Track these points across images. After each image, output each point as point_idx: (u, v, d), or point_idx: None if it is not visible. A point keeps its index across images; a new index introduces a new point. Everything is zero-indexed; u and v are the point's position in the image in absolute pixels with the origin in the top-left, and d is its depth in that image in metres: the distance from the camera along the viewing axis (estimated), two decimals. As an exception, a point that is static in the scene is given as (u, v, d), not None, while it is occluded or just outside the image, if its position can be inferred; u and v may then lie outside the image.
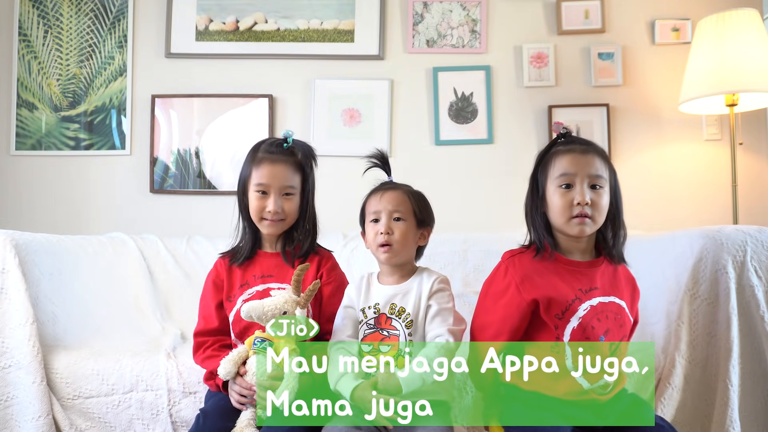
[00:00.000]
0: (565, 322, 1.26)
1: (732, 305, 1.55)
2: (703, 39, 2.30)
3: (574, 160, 1.30)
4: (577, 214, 1.27)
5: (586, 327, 1.26)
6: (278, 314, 1.34)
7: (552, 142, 1.38)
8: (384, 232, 1.38)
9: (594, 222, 1.29)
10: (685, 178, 2.59)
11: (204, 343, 1.50)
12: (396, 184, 1.47)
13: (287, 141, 1.53)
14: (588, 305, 1.28)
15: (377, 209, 1.41)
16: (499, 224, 2.49)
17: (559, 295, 1.28)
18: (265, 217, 1.49)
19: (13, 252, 1.67)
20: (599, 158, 1.31)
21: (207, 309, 1.55)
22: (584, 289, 1.30)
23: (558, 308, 1.27)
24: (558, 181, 1.31)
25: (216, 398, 1.44)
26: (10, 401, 1.61)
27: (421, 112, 2.67)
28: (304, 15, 2.68)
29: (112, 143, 2.67)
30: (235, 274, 1.54)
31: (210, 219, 2.62)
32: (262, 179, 1.49)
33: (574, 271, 1.32)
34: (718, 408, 1.52)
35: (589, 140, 1.36)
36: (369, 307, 1.41)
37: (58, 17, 2.70)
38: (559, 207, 1.29)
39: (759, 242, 1.58)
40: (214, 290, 1.54)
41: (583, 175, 1.29)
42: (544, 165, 1.35)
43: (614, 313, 1.30)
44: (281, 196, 1.49)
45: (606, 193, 1.30)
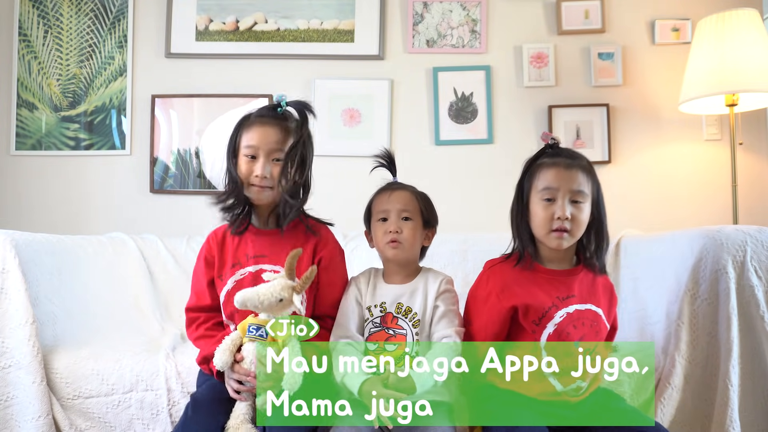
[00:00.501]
0: (542, 327, 1.32)
1: (732, 305, 1.54)
2: (703, 39, 2.30)
3: (558, 175, 1.34)
4: (557, 228, 1.32)
5: (562, 333, 1.31)
6: (274, 302, 1.30)
7: (539, 153, 1.41)
8: (393, 230, 1.40)
9: (572, 236, 1.33)
10: (685, 178, 2.59)
11: (196, 320, 1.48)
12: (403, 185, 1.49)
13: (281, 106, 1.47)
14: (564, 312, 1.33)
15: (386, 208, 1.43)
16: (499, 224, 2.46)
17: (537, 302, 1.33)
18: (252, 182, 1.42)
19: (13, 252, 1.67)
20: (583, 173, 1.35)
21: (199, 285, 1.51)
22: (561, 296, 1.35)
23: (535, 314, 1.33)
24: (541, 194, 1.35)
25: (209, 384, 1.40)
26: (10, 401, 1.61)
27: (421, 112, 2.67)
28: (304, 15, 2.68)
29: (112, 143, 2.67)
30: (227, 251, 1.48)
31: (210, 219, 2.59)
32: (251, 141, 1.42)
33: (552, 279, 1.37)
34: (718, 408, 1.52)
35: (576, 152, 1.39)
36: (375, 305, 1.41)
37: (58, 17, 2.70)
38: (540, 219, 1.34)
39: (759, 242, 1.58)
40: (206, 267, 1.49)
41: (566, 190, 1.33)
42: (530, 175, 1.39)
43: (590, 320, 1.35)
44: (270, 161, 1.42)
45: (587, 207, 1.35)
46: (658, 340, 1.64)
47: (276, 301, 1.30)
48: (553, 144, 1.40)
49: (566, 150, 1.40)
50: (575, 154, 1.39)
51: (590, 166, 1.38)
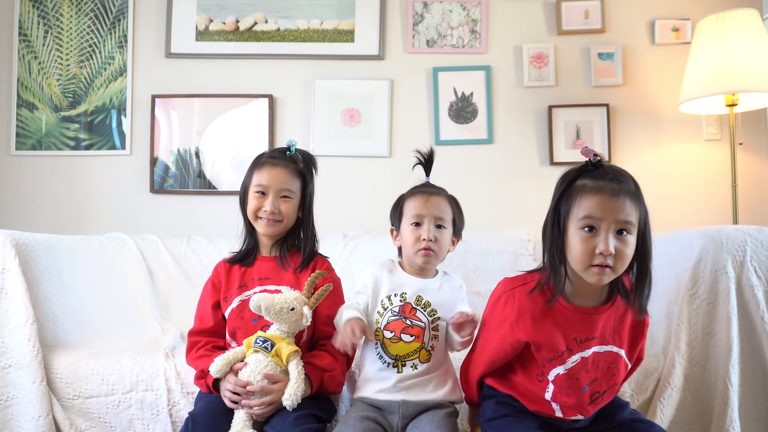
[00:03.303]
0: (552, 366, 1.23)
1: (732, 305, 1.54)
2: (703, 39, 2.30)
3: (603, 204, 1.13)
4: (598, 263, 1.13)
5: (571, 377, 1.23)
6: (286, 309, 1.37)
7: (580, 169, 1.20)
8: (428, 239, 1.39)
9: (614, 272, 1.15)
10: (685, 178, 2.59)
11: (197, 343, 1.51)
12: (438, 189, 1.48)
13: (290, 149, 1.57)
14: (579, 357, 1.22)
15: (420, 213, 1.41)
16: (499, 224, 2.49)
17: (551, 343, 1.22)
18: (260, 216, 1.52)
19: (13, 252, 1.67)
20: (631, 200, 1.15)
21: (203, 309, 1.56)
22: (580, 338, 1.22)
23: (548, 354, 1.23)
24: (581, 223, 1.15)
25: (206, 400, 1.43)
26: (10, 401, 1.61)
27: (421, 112, 2.67)
28: (304, 15, 2.68)
29: (112, 143, 2.67)
30: (233, 276, 1.55)
31: (210, 219, 2.62)
32: (261, 180, 1.52)
33: (574, 317, 1.22)
34: (718, 408, 1.52)
35: (622, 171, 1.19)
36: (396, 294, 1.41)
37: (58, 17, 2.70)
38: (579, 252, 1.15)
39: (759, 242, 1.58)
40: (212, 291, 1.56)
41: (611, 221, 1.13)
42: (569, 197, 1.18)
43: (607, 363, 1.24)
44: (279, 198, 1.52)
45: (632, 240, 1.16)
46: (658, 340, 1.64)
47: (288, 309, 1.38)
48: (597, 162, 1.18)
49: (611, 169, 1.18)
50: (622, 174, 1.17)
51: (638, 189, 1.18)
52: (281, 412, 1.34)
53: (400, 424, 1.33)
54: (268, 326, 1.41)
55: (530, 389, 1.27)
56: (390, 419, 1.34)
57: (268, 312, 1.37)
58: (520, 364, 1.29)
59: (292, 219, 1.55)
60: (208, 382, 1.42)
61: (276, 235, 1.56)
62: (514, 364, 1.30)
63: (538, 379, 1.25)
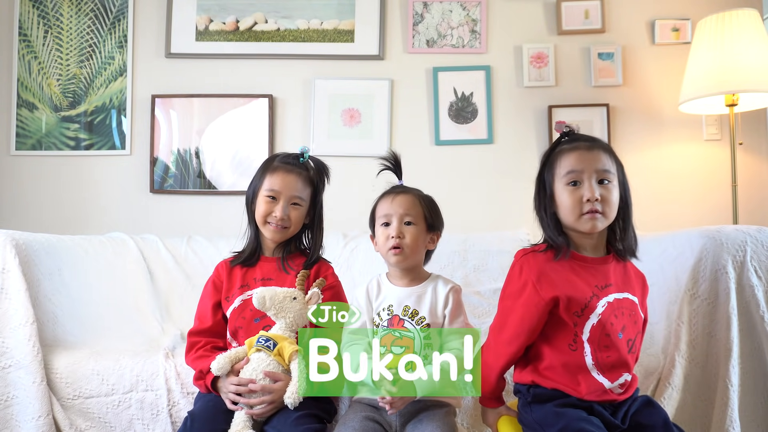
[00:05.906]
0: (585, 319, 1.24)
1: (732, 305, 1.54)
2: (703, 39, 2.30)
3: (580, 157, 1.27)
4: (588, 210, 1.25)
5: (606, 324, 1.24)
6: (289, 298, 1.40)
7: (556, 142, 1.35)
8: (395, 236, 1.39)
9: (605, 217, 1.26)
10: (685, 178, 2.59)
11: (196, 344, 1.51)
12: (407, 188, 1.47)
13: (303, 156, 1.57)
14: (605, 302, 1.26)
15: (388, 213, 1.42)
16: (499, 224, 2.49)
17: (578, 292, 1.25)
18: (269, 221, 1.53)
19: (13, 252, 1.67)
20: (605, 153, 1.29)
21: (203, 309, 1.57)
22: (600, 285, 1.27)
23: (577, 306, 1.25)
24: (565, 179, 1.28)
25: (204, 400, 1.43)
26: (10, 401, 1.61)
27: (421, 112, 2.67)
28: (304, 15, 2.68)
29: (112, 143, 2.67)
30: (235, 276, 1.56)
31: (210, 219, 2.62)
32: (274, 186, 1.53)
33: (589, 267, 1.29)
34: (718, 408, 1.52)
35: (594, 137, 1.34)
36: (383, 309, 1.41)
37: (58, 17, 2.70)
38: (569, 205, 1.27)
39: (759, 242, 1.58)
40: (213, 290, 1.56)
41: (591, 170, 1.26)
42: (550, 164, 1.32)
43: (629, 310, 1.28)
44: (289, 204, 1.53)
45: (615, 188, 1.28)
46: (658, 340, 1.64)
47: (290, 298, 1.40)
48: (569, 131, 1.33)
49: (583, 135, 1.34)
50: (593, 137, 1.33)
51: (611, 148, 1.33)
52: (282, 412, 1.34)
53: (398, 423, 1.34)
54: (270, 326, 1.41)
55: (567, 363, 1.24)
56: (389, 419, 1.34)
57: (272, 302, 1.38)
58: (546, 342, 1.28)
59: (298, 226, 1.56)
60: (207, 382, 1.42)
61: (281, 240, 1.57)
62: (540, 347, 1.28)
63: (571, 348, 1.24)
